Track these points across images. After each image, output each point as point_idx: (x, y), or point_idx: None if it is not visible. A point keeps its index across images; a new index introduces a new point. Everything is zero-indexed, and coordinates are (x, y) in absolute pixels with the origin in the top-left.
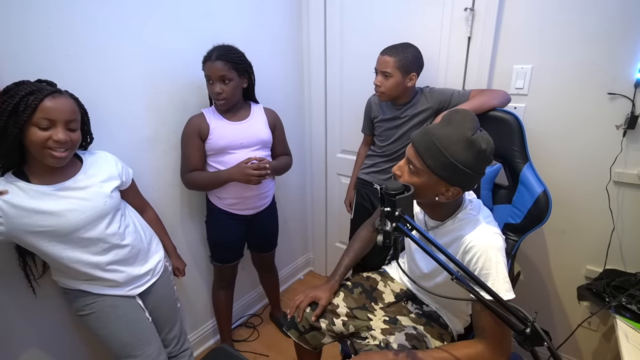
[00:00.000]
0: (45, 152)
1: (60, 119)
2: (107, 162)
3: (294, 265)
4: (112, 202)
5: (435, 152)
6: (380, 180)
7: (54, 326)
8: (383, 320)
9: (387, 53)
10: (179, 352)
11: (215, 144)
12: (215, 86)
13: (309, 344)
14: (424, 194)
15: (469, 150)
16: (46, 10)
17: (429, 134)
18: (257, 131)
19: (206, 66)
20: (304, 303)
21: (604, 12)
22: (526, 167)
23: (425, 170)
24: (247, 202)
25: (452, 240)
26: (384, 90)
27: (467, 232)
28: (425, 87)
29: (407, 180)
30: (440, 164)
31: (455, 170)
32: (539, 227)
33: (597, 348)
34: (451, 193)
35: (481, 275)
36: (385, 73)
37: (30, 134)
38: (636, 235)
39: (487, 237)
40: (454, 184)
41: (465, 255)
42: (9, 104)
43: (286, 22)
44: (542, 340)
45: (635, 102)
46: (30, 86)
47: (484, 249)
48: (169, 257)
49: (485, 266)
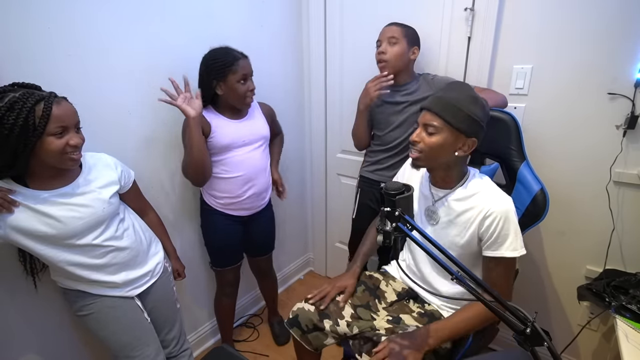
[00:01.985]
0: (65, 157)
1: (71, 123)
2: (107, 166)
3: (294, 265)
4: (111, 208)
5: (452, 109)
6: (387, 177)
7: (53, 326)
8: (386, 320)
9: (392, 24)
10: (178, 353)
11: (217, 142)
12: (251, 83)
13: (311, 344)
14: (444, 152)
15: (477, 105)
16: (46, 10)
17: (442, 98)
18: (258, 128)
19: (239, 65)
20: (332, 293)
21: (604, 12)
22: (523, 166)
23: (445, 127)
24: (243, 202)
25: (468, 208)
26: (389, 57)
27: (482, 199)
28: (427, 74)
29: (427, 143)
30: (458, 118)
31: (471, 122)
32: (536, 224)
33: (597, 348)
34: (467, 146)
35: (502, 236)
36: (392, 39)
37: (47, 144)
38: (636, 235)
39: (503, 202)
40: (470, 135)
41: (486, 220)
42: (19, 118)
43: (286, 21)
44: (542, 340)
45: (635, 102)
46: (29, 95)
47: (503, 213)
48: (169, 259)
49: (505, 227)
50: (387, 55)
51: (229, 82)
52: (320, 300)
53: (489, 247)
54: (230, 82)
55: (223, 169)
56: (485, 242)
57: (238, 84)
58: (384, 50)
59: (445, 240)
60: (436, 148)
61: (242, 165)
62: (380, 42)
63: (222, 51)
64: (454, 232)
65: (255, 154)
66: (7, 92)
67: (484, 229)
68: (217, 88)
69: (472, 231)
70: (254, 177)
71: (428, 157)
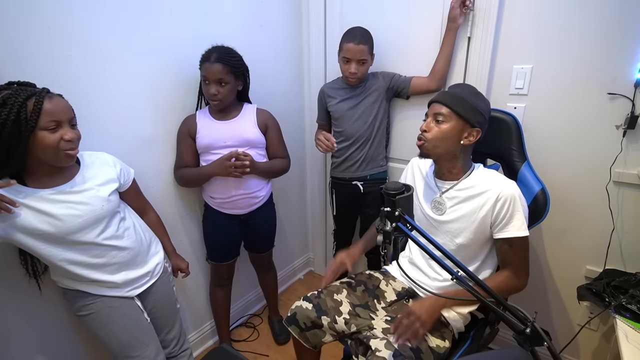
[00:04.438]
0: (60, 153)
1: (64, 118)
2: (106, 164)
3: (294, 265)
4: (110, 205)
5: (459, 100)
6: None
7: (53, 325)
8: (385, 320)
9: (359, 42)
10: (178, 353)
11: (200, 142)
12: (211, 87)
13: (309, 341)
14: (451, 140)
15: (480, 99)
16: (46, 10)
17: (448, 92)
18: (242, 130)
19: (204, 67)
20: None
21: (604, 12)
22: (524, 166)
23: (453, 116)
24: (235, 201)
25: (479, 194)
26: (360, 76)
27: (490, 185)
28: (377, 72)
29: (435, 132)
30: (464, 108)
31: (476, 113)
32: (537, 224)
33: (597, 348)
34: (472, 136)
35: (511, 216)
36: (362, 60)
37: (40, 139)
38: (636, 235)
39: (510, 186)
40: (475, 125)
41: (497, 203)
42: (11, 113)
43: (286, 21)
44: (542, 340)
45: (635, 102)
46: (22, 91)
47: (511, 196)
48: (168, 259)
49: (514, 208)
50: (359, 74)
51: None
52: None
53: (501, 230)
54: (201, 79)
55: None
56: (498, 224)
57: (203, 82)
58: (355, 71)
59: (454, 228)
60: (444, 135)
61: None
62: (350, 60)
63: (209, 49)
64: (463, 220)
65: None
66: (1, 90)
67: (496, 212)
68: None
69: (484, 215)
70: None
71: (436, 144)
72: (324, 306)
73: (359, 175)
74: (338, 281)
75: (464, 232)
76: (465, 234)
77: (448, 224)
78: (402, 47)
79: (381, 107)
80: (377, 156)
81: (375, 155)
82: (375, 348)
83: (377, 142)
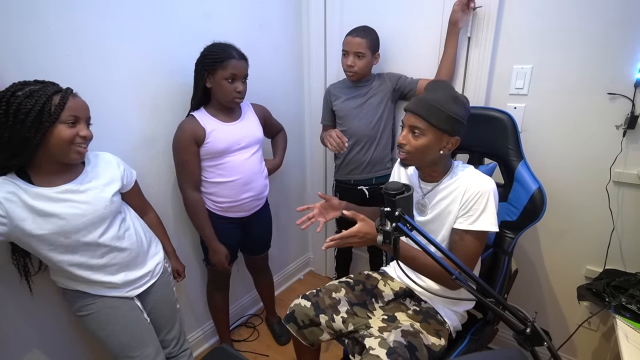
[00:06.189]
0: (72, 148)
1: (83, 116)
2: (110, 164)
3: (293, 265)
4: (113, 206)
5: (435, 111)
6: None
7: (52, 325)
8: (381, 319)
9: (357, 35)
10: (178, 353)
11: (213, 147)
12: (239, 84)
13: (307, 339)
14: (430, 152)
15: (458, 104)
16: (46, 10)
17: (424, 100)
18: (252, 130)
19: (230, 64)
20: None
21: (604, 12)
22: (521, 165)
23: (430, 129)
24: (243, 204)
25: (453, 190)
26: (357, 69)
27: (465, 181)
28: (383, 72)
29: (414, 145)
30: (441, 119)
31: (454, 122)
32: (534, 223)
33: (597, 348)
34: (451, 144)
35: (475, 209)
36: (359, 53)
37: (58, 132)
38: (636, 235)
39: (482, 181)
40: (453, 134)
41: (465, 194)
42: (37, 104)
43: (286, 21)
44: (542, 340)
45: (635, 102)
46: (49, 87)
47: (481, 189)
48: (168, 259)
49: (479, 201)
50: (356, 68)
51: (216, 77)
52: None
53: (464, 220)
54: (218, 78)
55: (220, 173)
56: (462, 215)
57: (224, 81)
58: (352, 64)
59: (434, 227)
60: (422, 149)
61: (239, 169)
62: (347, 53)
63: (222, 46)
64: (439, 218)
65: (251, 157)
66: (28, 85)
67: (463, 203)
68: (207, 81)
69: (455, 209)
70: (251, 180)
71: (415, 157)
72: (322, 304)
73: (364, 177)
74: (337, 280)
75: (441, 229)
76: (442, 231)
77: (429, 224)
78: (402, 47)
79: (386, 108)
80: (382, 158)
81: (381, 158)
82: (370, 346)
83: (383, 144)
